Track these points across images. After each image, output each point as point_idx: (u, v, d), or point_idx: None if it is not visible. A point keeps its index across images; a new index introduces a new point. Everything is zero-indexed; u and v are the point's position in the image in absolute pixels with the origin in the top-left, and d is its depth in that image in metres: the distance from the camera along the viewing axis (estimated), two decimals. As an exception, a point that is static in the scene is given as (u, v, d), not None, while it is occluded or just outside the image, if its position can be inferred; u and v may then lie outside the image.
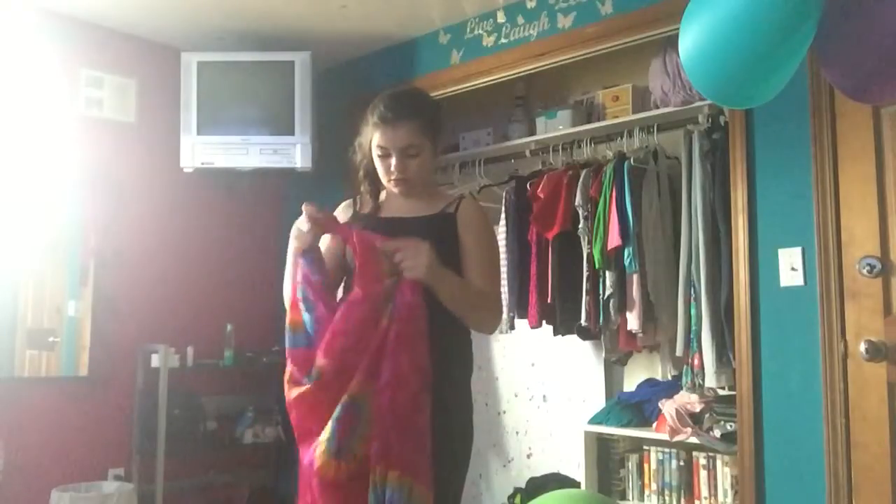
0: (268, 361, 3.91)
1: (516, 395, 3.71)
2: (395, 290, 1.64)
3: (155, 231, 3.74)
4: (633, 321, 2.88)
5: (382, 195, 1.95)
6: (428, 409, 1.62)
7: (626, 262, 2.88)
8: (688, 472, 2.92)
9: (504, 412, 3.74)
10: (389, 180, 1.85)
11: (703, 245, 2.71)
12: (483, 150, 3.59)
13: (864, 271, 2.32)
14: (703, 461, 2.87)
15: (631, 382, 3.32)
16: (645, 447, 3.06)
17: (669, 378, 3.11)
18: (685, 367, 2.82)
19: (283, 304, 1.82)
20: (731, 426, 2.71)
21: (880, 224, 2.33)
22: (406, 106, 1.84)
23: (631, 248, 2.86)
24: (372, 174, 1.91)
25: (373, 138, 1.84)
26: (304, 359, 1.66)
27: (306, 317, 1.69)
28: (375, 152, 1.85)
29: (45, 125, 3.42)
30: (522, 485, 3.33)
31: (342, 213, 1.96)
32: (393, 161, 1.82)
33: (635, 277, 2.88)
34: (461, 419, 1.82)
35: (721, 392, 2.84)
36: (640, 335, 2.91)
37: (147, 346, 3.59)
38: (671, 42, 2.80)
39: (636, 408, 3.11)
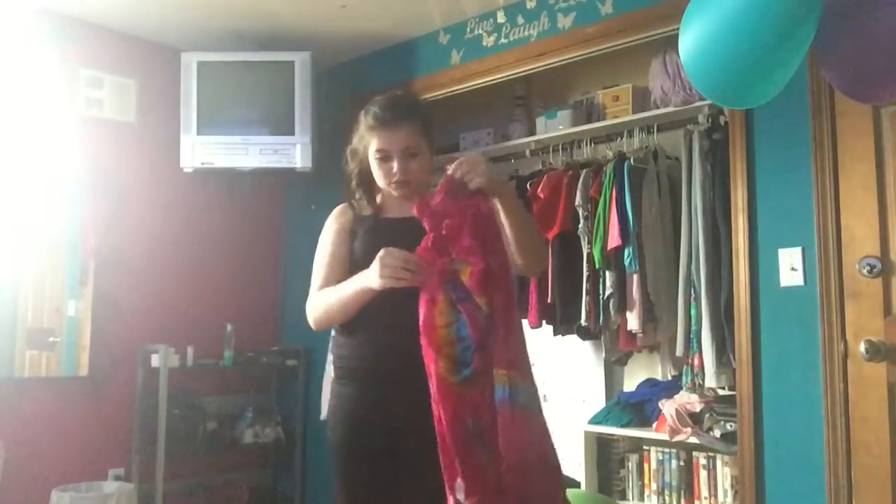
0: (267, 361, 3.91)
1: (516, 395, 3.70)
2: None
3: (155, 231, 3.74)
4: (633, 321, 2.88)
5: (378, 199, 1.96)
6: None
7: (626, 262, 2.88)
8: (688, 472, 2.92)
9: (504, 412, 3.73)
10: (391, 183, 1.85)
11: (703, 245, 2.71)
12: (483, 150, 3.59)
13: (864, 271, 2.32)
14: (703, 461, 2.87)
15: (631, 382, 3.32)
16: (645, 447, 3.06)
17: (669, 378, 3.11)
18: (685, 367, 2.82)
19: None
20: (731, 426, 2.70)
21: (880, 224, 2.33)
22: (402, 108, 1.86)
23: (631, 248, 2.87)
24: (367, 181, 1.92)
25: (371, 143, 1.84)
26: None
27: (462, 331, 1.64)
28: (374, 156, 1.84)
29: (45, 125, 3.41)
30: (522, 485, 3.32)
31: (340, 215, 1.96)
32: (395, 163, 1.82)
33: (635, 277, 2.88)
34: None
35: (721, 392, 2.84)
36: (640, 335, 2.91)
37: (147, 346, 3.58)
38: (671, 42, 2.80)
39: (636, 408, 3.11)
